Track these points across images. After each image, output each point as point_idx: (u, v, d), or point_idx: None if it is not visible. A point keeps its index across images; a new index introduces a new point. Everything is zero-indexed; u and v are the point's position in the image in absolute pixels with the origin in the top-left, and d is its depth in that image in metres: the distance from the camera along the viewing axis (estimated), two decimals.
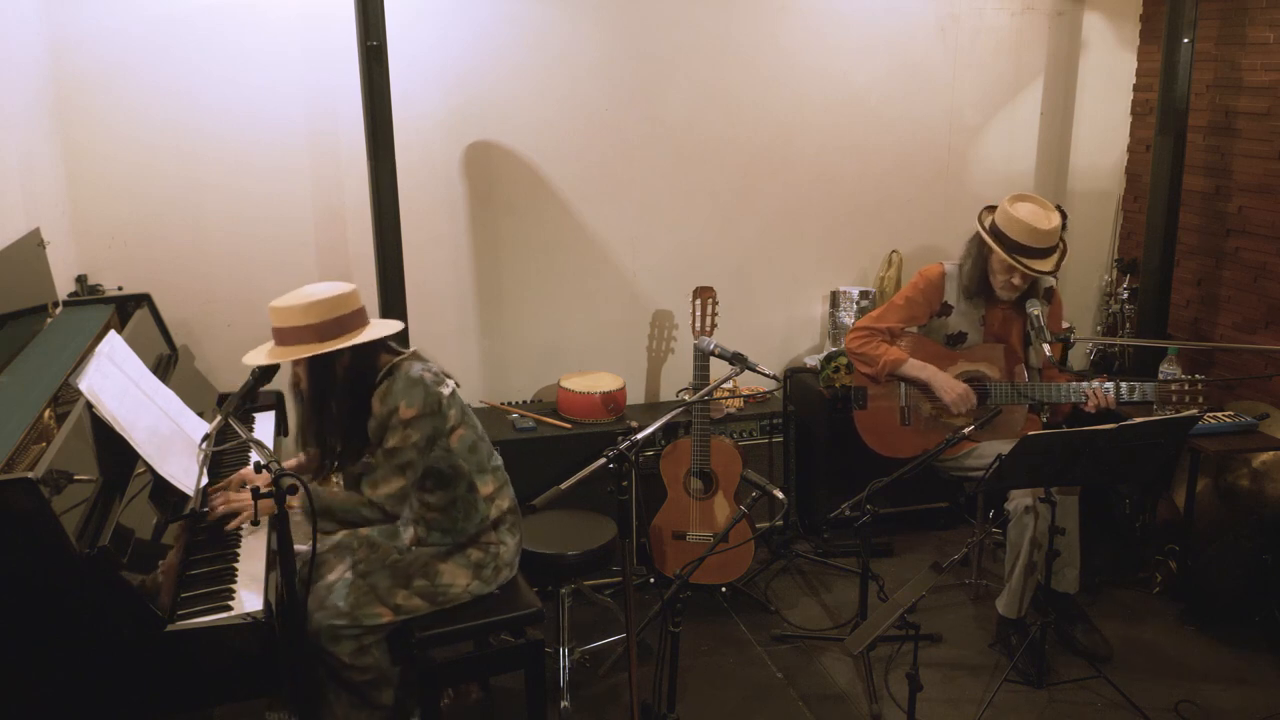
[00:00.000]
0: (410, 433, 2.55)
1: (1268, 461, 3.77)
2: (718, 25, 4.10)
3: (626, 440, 2.51)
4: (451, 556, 2.72)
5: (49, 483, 1.95)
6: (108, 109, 3.48)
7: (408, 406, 2.54)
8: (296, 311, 2.49)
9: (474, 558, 2.73)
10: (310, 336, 2.50)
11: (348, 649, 2.58)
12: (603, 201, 4.13)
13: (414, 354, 2.67)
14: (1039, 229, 3.41)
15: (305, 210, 3.77)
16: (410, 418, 2.55)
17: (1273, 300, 4.05)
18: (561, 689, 3.19)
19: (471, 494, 2.72)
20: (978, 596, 3.83)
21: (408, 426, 2.55)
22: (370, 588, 2.64)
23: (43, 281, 2.95)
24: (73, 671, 2.02)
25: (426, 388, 2.57)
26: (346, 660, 2.58)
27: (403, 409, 2.54)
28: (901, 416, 3.69)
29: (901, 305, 3.68)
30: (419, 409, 2.55)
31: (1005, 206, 3.49)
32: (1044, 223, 3.42)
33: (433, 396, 2.58)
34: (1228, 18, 4.15)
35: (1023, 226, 3.41)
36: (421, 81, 3.77)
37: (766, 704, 3.25)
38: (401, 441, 2.56)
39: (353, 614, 2.59)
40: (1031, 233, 3.41)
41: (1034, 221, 3.41)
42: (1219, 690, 3.29)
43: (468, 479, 2.71)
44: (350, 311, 2.56)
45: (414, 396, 2.55)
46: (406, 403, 2.54)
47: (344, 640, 2.58)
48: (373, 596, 2.63)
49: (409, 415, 2.55)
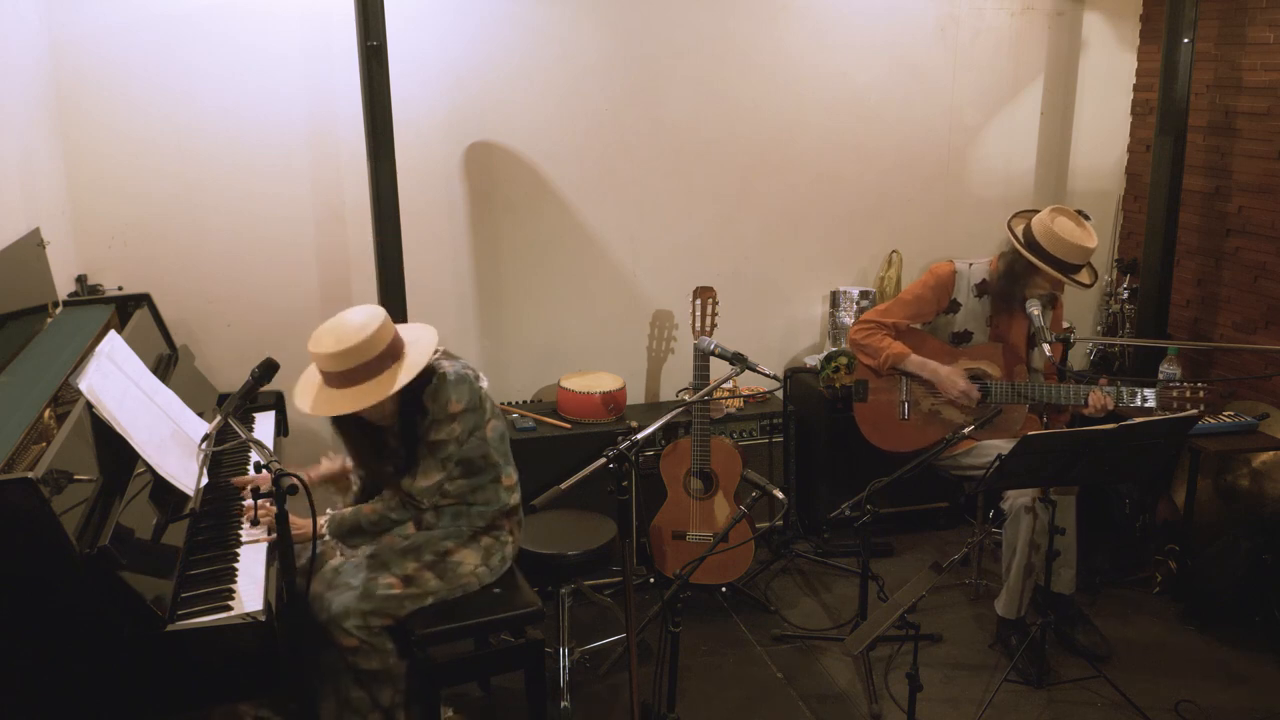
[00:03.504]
0: (455, 426, 2.63)
1: (1268, 461, 3.77)
2: (718, 25, 4.10)
3: (626, 440, 2.51)
4: (462, 539, 2.76)
5: (49, 483, 1.95)
6: (108, 109, 3.48)
7: (457, 402, 2.62)
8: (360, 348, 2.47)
9: (484, 543, 2.78)
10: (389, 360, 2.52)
11: (356, 624, 2.58)
12: (603, 201, 4.13)
13: (445, 352, 2.72)
14: (1088, 247, 3.45)
15: (305, 210, 3.77)
16: (458, 412, 2.62)
17: (1272, 300, 4.05)
18: (561, 689, 3.19)
19: (495, 484, 2.79)
20: (978, 596, 3.83)
21: (454, 420, 2.63)
22: (382, 563, 2.69)
23: (43, 281, 2.95)
24: (73, 671, 2.02)
25: (471, 383, 2.66)
26: (357, 639, 2.58)
27: (453, 404, 2.61)
28: (902, 411, 3.69)
29: (910, 301, 3.69)
30: (466, 403, 2.64)
31: (1050, 226, 3.45)
32: (1089, 240, 3.47)
33: (476, 391, 2.68)
34: (1228, 18, 4.15)
35: (1075, 248, 3.44)
36: (421, 81, 3.77)
37: (766, 704, 3.25)
38: (448, 435, 2.63)
39: (364, 587, 2.63)
40: (1083, 252, 3.46)
41: (1085, 240, 3.45)
42: (1219, 690, 3.29)
43: (496, 469, 2.78)
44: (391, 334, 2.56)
45: (462, 392, 2.63)
46: (456, 398, 2.62)
47: (353, 615, 2.59)
48: (384, 569, 2.67)
49: (457, 410, 2.62)
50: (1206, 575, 3.66)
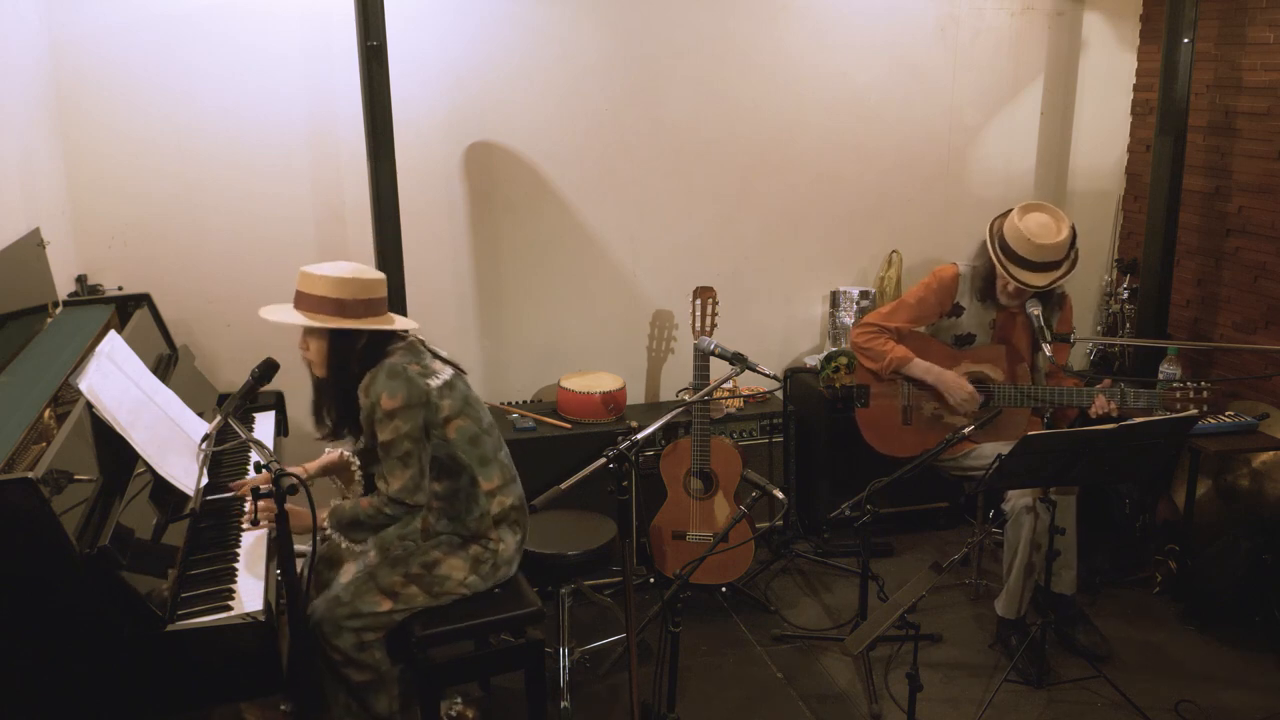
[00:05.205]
0: (399, 424, 2.56)
1: (1268, 461, 3.77)
2: (718, 25, 4.10)
3: (626, 440, 2.51)
4: (451, 549, 2.72)
5: (49, 483, 1.95)
6: (108, 109, 3.48)
7: (389, 398, 2.55)
8: (329, 282, 2.54)
9: (473, 552, 2.73)
10: (332, 309, 2.54)
11: (348, 642, 2.58)
12: (603, 201, 4.13)
13: (410, 345, 2.67)
14: (1038, 243, 3.39)
15: (305, 210, 3.77)
16: (393, 409, 2.55)
17: (1272, 300, 4.05)
18: (561, 689, 3.19)
19: (473, 488, 2.72)
20: (978, 596, 3.84)
21: (393, 418, 2.55)
22: (370, 576, 2.66)
23: (43, 281, 2.95)
24: (73, 671, 2.02)
25: (409, 380, 2.57)
26: (347, 654, 2.59)
27: (384, 400, 2.55)
28: (903, 416, 3.69)
29: (913, 304, 3.67)
30: (402, 400, 2.55)
31: (1014, 218, 3.46)
32: (1047, 237, 3.40)
33: (417, 388, 2.58)
34: (1228, 18, 4.15)
35: (1023, 239, 3.40)
36: (421, 81, 3.77)
37: (766, 704, 3.25)
38: (392, 434, 2.57)
39: (353, 603, 2.61)
40: (1031, 247, 3.40)
41: (1035, 235, 3.39)
42: (1219, 690, 3.29)
43: (469, 472, 2.71)
44: (375, 298, 2.61)
45: (395, 388, 2.55)
46: (388, 394, 2.55)
47: (345, 633, 2.58)
48: (372, 585, 2.64)
49: (391, 407, 2.55)
50: (1206, 575, 3.66)
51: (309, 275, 2.57)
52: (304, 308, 2.58)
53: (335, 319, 2.55)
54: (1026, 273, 3.43)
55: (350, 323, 2.55)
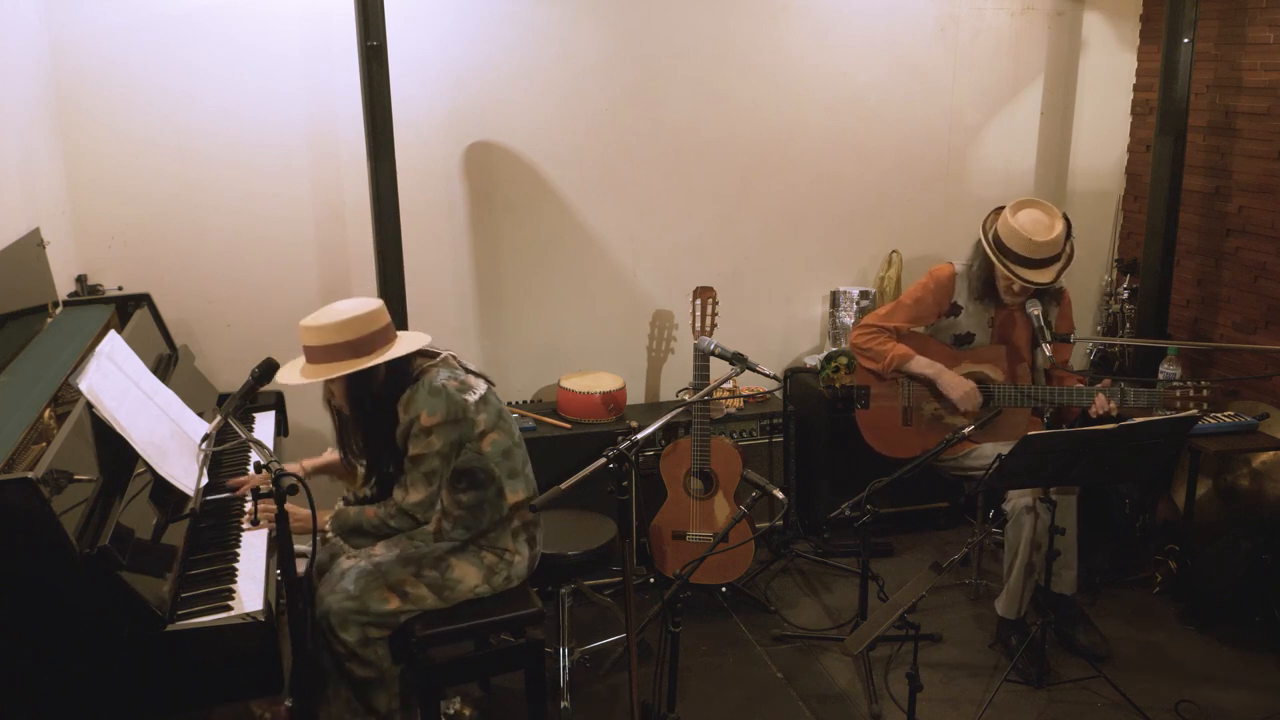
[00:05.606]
0: (433, 440, 2.58)
1: (1268, 461, 3.77)
2: (718, 25, 4.10)
3: (626, 440, 2.51)
4: (466, 555, 2.73)
5: (49, 483, 1.95)
6: (108, 109, 3.48)
7: (429, 415, 2.56)
8: (330, 330, 2.52)
9: (487, 560, 2.73)
10: (345, 354, 2.53)
11: (354, 636, 2.59)
12: (603, 201, 4.13)
13: (444, 360, 2.68)
14: (1036, 240, 3.40)
15: (305, 210, 3.77)
16: (431, 425, 2.57)
17: (1272, 300, 4.05)
18: (561, 689, 3.19)
19: (499, 499, 2.73)
20: (978, 596, 3.84)
21: (430, 434, 2.57)
22: (380, 574, 2.66)
23: (43, 281, 2.95)
24: (72, 671, 2.02)
25: (449, 396, 2.59)
26: (352, 649, 2.59)
27: (424, 417, 2.56)
28: (904, 417, 3.69)
29: (910, 305, 3.68)
30: (441, 417, 2.57)
31: (1006, 215, 3.47)
32: (1043, 233, 3.41)
33: (456, 404, 2.60)
34: (1228, 18, 4.15)
35: (1020, 238, 3.40)
36: (421, 81, 3.77)
37: (766, 704, 3.25)
38: (425, 449, 2.58)
39: (361, 598, 2.61)
40: (1029, 245, 3.40)
41: (1032, 233, 3.40)
42: (1219, 690, 3.29)
43: (498, 483, 2.71)
44: (381, 327, 2.59)
45: (435, 405, 2.57)
46: (428, 411, 2.56)
47: (351, 627, 2.59)
48: (382, 582, 2.65)
49: (430, 423, 2.57)
50: (1206, 575, 3.66)
51: (313, 328, 2.53)
52: (318, 360, 2.56)
53: (354, 361, 2.53)
54: (1030, 270, 3.43)
55: (369, 360, 2.54)
